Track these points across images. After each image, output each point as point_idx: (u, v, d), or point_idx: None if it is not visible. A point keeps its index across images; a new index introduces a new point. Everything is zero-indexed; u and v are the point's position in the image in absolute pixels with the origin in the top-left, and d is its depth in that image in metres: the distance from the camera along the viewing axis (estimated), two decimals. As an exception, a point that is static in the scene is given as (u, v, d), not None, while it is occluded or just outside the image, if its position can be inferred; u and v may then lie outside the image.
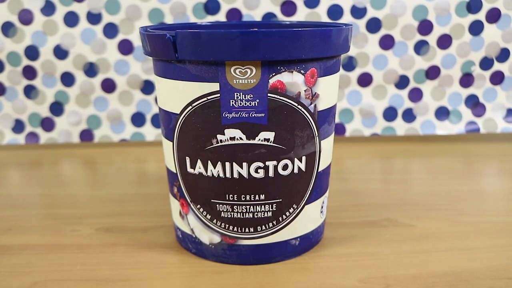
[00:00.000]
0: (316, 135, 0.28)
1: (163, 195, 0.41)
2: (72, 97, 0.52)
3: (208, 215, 0.29)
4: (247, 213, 0.28)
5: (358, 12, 0.50)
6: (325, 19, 0.50)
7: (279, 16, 0.50)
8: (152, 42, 0.27)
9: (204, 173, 0.28)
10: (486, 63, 0.52)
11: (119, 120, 0.53)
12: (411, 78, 0.52)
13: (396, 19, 0.50)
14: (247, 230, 0.29)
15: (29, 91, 0.52)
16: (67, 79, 0.51)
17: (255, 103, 0.26)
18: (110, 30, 0.50)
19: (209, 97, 0.26)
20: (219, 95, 0.26)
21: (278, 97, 0.26)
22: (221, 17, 0.50)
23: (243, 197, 0.28)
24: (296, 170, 0.28)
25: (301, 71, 0.26)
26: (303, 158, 0.28)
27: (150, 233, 0.34)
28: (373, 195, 0.41)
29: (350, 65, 0.52)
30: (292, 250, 0.30)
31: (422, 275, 0.29)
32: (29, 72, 0.51)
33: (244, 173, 0.27)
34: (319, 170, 0.30)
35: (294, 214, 0.29)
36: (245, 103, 0.26)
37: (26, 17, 0.49)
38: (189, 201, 0.29)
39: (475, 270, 0.29)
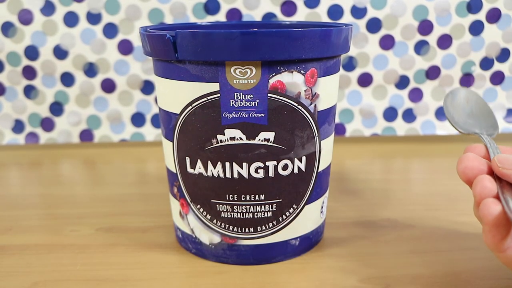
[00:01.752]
0: (316, 135, 0.28)
1: (163, 195, 0.41)
2: (72, 97, 0.52)
3: (208, 215, 0.29)
4: (247, 213, 0.28)
5: (358, 12, 0.50)
6: (325, 19, 0.50)
7: (279, 16, 0.50)
8: (152, 42, 0.27)
9: (204, 173, 0.28)
10: (486, 63, 0.52)
11: (119, 120, 0.53)
12: (411, 78, 0.52)
13: (397, 19, 0.50)
14: (247, 230, 0.29)
15: (29, 91, 0.52)
16: (67, 79, 0.51)
17: (255, 103, 0.26)
18: (110, 30, 0.50)
19: (209, 97, 0.26)
20: (219, 95, 0.26)
21: (278, 97, 0.26)
22: (221, 17, 0.50)
23: (243, 197, 0.28)
24: (296, 170, 0.28)
25: (301, 71, 0.26)
26: (303, 158, 0.28)
27: (150, 233, 0.34)
28: (373, 195, 0.41)
29: (350, 65, 0.52)
30: (292, 250, 0.30)
31: (422, 275, 0.29)
32: (29, 72, 0.51)
33: (244, 173, 0.27)
34: (319, 170, 0.30)
35: (294, 214, 0.29)
36: (245, 103, 0.26)
37: (26, 17, 0.49)
38: (189, 201, 0.29)
39: (475, 270, 0.29)
